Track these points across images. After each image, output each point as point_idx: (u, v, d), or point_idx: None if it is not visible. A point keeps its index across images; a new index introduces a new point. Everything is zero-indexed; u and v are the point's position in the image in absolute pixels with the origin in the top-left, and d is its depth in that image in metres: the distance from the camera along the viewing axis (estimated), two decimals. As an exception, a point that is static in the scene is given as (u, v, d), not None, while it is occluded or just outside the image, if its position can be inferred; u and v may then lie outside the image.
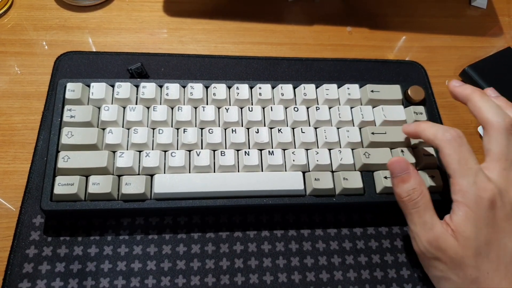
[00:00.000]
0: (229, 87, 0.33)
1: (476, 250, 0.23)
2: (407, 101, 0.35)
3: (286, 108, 0.33)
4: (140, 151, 0.30)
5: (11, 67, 0.36)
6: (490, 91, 0.29)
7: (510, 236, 0.23)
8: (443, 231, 0.24)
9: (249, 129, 0.32)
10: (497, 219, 0.23)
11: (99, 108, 0.31)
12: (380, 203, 0.31)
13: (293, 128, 0.32)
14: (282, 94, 0.33)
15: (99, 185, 0.28)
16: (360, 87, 0.35)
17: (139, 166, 0.29)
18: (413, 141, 0.33)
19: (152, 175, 0.29)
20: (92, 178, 0.28)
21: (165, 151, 0.30)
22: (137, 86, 0.32)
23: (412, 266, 0.31)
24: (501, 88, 0.39)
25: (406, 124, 0.30)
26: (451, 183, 0.25)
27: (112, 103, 0.31)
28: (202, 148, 0.30)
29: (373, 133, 0.32)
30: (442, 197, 0.32)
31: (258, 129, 0.31)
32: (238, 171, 0.30)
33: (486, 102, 0.26)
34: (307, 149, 0.31)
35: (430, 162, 0.32)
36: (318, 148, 0.32)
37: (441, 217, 0.26)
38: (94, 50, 0.37)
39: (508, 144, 0.24)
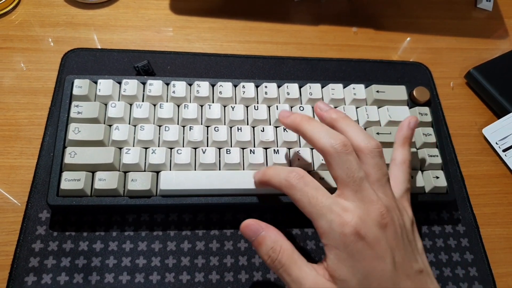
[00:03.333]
0: (235, 86, 0.33)
1: (357, 287, 0.21)
2: (412, 102, 0.35)
3: (292, 107, 0.33)
4: (146, 148, 0.30)
5: (19, 63, 0.36)
6: (322, 105, 0.28)
7: (384, 260, 0.21)
8: (317, 281, 0.22)
9: (255, 128, 0.32)
10: (368, 248, 0.21)
11: (106, 104, 0.31)
12: (384, 203, 0.31)
13: (298, 127, 0.32)
14: (288, 93, 0.33)
15: (105, 181, 0.28)
16: (366, 87, 0.35)
17: (145, 162, 0.29)
18: (418, 142, 0.33)
19: (158, 172, 0.29)
20: (99, 174, 0.28)
21: (171, 148, 0.30)
22: (143, 84, 0.32)
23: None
24: (506, 91, 0.39)
25: (256, 172, 0.27)
26: (315, 228, 0.23)
27: (119, 100, 0.32)
28: (207, 146, 0.31)
29: (378, 133, 0.32)
30: (446, 198, 0.32)
31: (263, 128, 0.31)
32: (243, 169, 0.30)
33: (315, 129, 0.24)
34: (312, 148, 0.31)
35: (434, 162, 0.32)
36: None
37: (444, 218, 0.26)
38: (101, 47, 0.38)
39: (349, 165, 0.23)
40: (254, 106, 0.32)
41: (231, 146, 0.31)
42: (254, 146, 0.31)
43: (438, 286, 0.24)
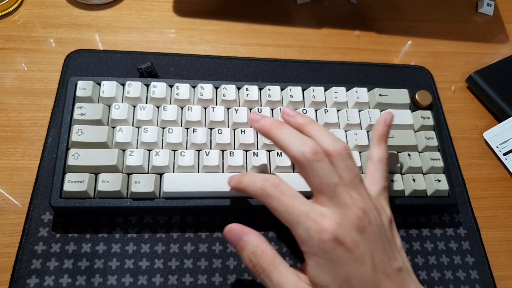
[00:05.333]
0: (239, 88, 0.33)
1: None
2: (414, 106, 0.35)
3: (296, 109, 0.33)
4: (149, 150, 0.30)
5: (21, 64, 0.36)
6: (288, 110, 0.27)
7: (364, 263, 0.21)
8: (298, 285, 0.22)
9: (258, 130, 0.32)
10: (347, 253, 0.21)
11: (109, 106, 0.31)
12: (386, 206, 0.31)
13: (301, 130, 0.32)
14: (291, 96, 0.33)
15: (109, 183, 0.28)
16: (368, 90, 0.35)
17: (148, 164, 0.29)
18: (420, 146, 0.33)
19: (161, 174, 0.29)
20: (102, 176, 0.28)
21: (174, 151, 0.30)
22: (147, 86, 0.32)
23: (416, 269, 0.31)
24: (507, 95, 0.39)
25: (230, 177, 0.26)
26: (294, 235, 0.22)
27: (122, 102, 0.31)
28: (211, 148, 0.31)
29: (380, 137, 0.32)
30: (448, 201, 0.32)
31: (267, 130, 0.31)
32: (247, 171, 0.30)
33: (285, 136, 0.24)
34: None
35: (436, 166, 0.32)
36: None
37: (446, 220, 0.26)
38: (104, 48, 0.38)
39: (322, 172, 0.22)
40: (258, 108, 0.32)
41: (234, 149, 0.31)
42: (257, 149, 0.31)
43: (418, 283, 0.24)
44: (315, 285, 0.22)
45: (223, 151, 0.31)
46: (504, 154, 0.37)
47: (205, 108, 0.32)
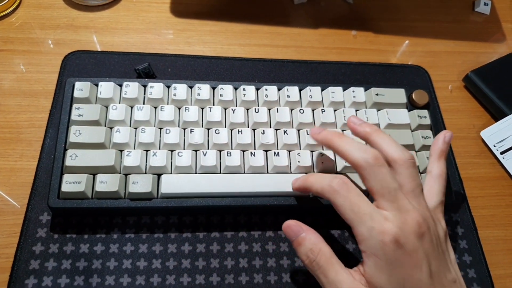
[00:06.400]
0: (236, 88, 0.34)
1: None
2: (411, 105, 0.35)
3: (292, 110, 0.33)
4: (147, 151, 0.30)
5: (19, 65, 0.36)
6: (355, 119, 0.29)
7: (421, 269, 0.22)
8: (353, 286, 0.22)
9: (255, 130, 0.32)
10: (406, 256, 0.22)
11: (107, 107, 0.31)
12: (383, 205, 0.31)
13: (298, 130, 0.32)
14: (288, 96, 0.33)
15: (106, 183, 0.28)
16: (365, 90, 0.35)
17: (146, 165, 0.29)
18: (417, 145, 0.33)
19: (159, 174, 0.29)
20: (100, 177, 0.28)
21: (172, 151, 0.30)
22: (144, 86, 0.33)
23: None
24: (504, 94, 0.39)
25: (295, 179, 0.28)
26: (354, 234, 0.23)
27: (120, 103, 0.32)
28: (208, 149, 0.31)
29: (377, 136, 0.32)
30: (447, 201, 0.32)
31: (264, 130, 0.31)
32: (244, 172, 0.30)
33: (346, 144, 0.26)
34: (312, 151, 0.32)
35: (433, 165, 0.32)
36: (323, 149, 0.32)
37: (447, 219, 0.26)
38: (102, 49, 0.38)
39: (382, 176, 0.23)
40: (255, 108, 0.32)
41: (231, 149, 0.31)
42: (255, 149, 0.31)
43: None
44: (371, 286, 0.22)
45: (220, 151, 0.31)
46: (501, 153, 0.37)
47: (202, 109, 0.32)
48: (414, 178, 0.25)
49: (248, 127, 0.32)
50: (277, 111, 0.33)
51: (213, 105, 0.33)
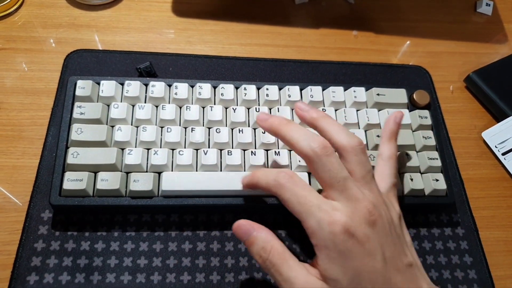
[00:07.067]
0: (237, 88, 0.34)
1: (348, 285, 0.21)
2: (412, 105, 0.35)
3: (292, 109, 0.33)
4: (148, 149, 0.30)
5: (22, 63, 0.36)
6: (301, 105, 0.27)
7: (375, 256, 0.21)
8: (308, 280, 0.22)
9: (256, 129, 0.32)
10: (358, 245, 0.21)
11: (108, 105, 0.31)
12: (384, 205, 0.31)
13: (299, 129, 0.32)
14: (289, 96, 0.33)
15: (108, 181, 0.28)
16: (366, 90, 0.35)
17: (147, 163, 0.29)
18: (418, 145, 0.33)
19: (160, 173, 0.29)
20: (101, 175, 0.28)
21: (173, 150, 0.30)
22: (146, 85, 0.33)
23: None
24: (505, 95, 0.39)
25: (244, 176, 0.27)
26: (304, 228, 0.23)
27: (121, 101, 0.32)
28: (209, 147, 0.31)
29: (378, 136, 0.32)
30: (446, 201, 0.32)
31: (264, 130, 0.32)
32: (244, 171, 0.30)
33: (293, 132, 0.24)
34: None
35: (434, 165, 0.32)
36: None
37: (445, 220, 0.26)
38: (103, 48, 0.38)
39: (331, 166, 0.23)
40: (256, 108, 0.33)
41: (232, 148, 0.31)
42: (255, 148, 0.31)
43: (428, 279, 0.24)
44: (325, 279, 0.22)
45: (221, 150, 0.31)
46: (503, 154, 0.37)
47: (203, 108, 0.32)
48: (364, 165, 0.24)
49: (249, 126, 0.32)
50: (278, 111, 0.33)
51: (214, 104, 0.33)
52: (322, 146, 0.23)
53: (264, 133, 0.31)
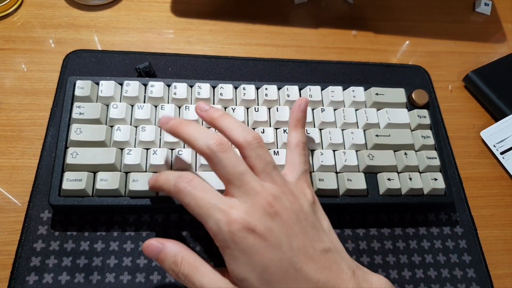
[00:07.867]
0: (236, 88, 0.34)
1: (258, 282, 0.21)
2: (411, 105, 0.35)
3: (291, 109, 0.33)
4: (147, 149, 0.30)
5: (21, 64, 0.36)
6: (202, 105, 0.27)
7: (280, 248, 0.21)
8: (218, 285, 0.22)
9: (255, 129, 0.32)
10: (261, 240, 0.21)
11: (107, 105, 0.31)
12: (383, 204, 0.31)
13: (298, 129, 0.32)
14: (288, 95, 0.33)
15: (107, 181, 0.28)
16: (365, 90, 0.35)
17: (146, 163, 0.30)
18: (417, 144, 0.33)
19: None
20: (100, 175, 0.28)
21: (172, 149, 0.30)
22: (145, 85, 0.33)
23: (413, 268, 0.31)
24: (504, 94, 0.39)
25: (150, 177, 0.26)
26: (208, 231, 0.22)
27: (120, 101, 0.32)
28: (208, 147, 0.31)
29: (377, 136, 0.33)
30: (444, 200, 0.32)
31: (263, 129, 0.32)
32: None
33: (191, 131, 0.24)
34: (312, 150, 0.32)
35: (433, 164, 0.32)
36: (322, 149, 0.32)
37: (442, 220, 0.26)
38: (102, 48, 0.38)
39: (227, 162, 0.22)
40: (255, 108, 0.33)
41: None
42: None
43: (351, 261, 0.24)
44: (236, 280, 0.21)
45: (220, 150, 0.31)
46: (501, 153, 0.37)
47: (202, 108, 0.33)
48: (262, 158, 0.24)
49: (248, 126, 0.32)
50: (277, 110, 0.33)
51: (213, 104, 0.33)
52: (218, 143, 0.23)
53: (264, 132, 0.31)
